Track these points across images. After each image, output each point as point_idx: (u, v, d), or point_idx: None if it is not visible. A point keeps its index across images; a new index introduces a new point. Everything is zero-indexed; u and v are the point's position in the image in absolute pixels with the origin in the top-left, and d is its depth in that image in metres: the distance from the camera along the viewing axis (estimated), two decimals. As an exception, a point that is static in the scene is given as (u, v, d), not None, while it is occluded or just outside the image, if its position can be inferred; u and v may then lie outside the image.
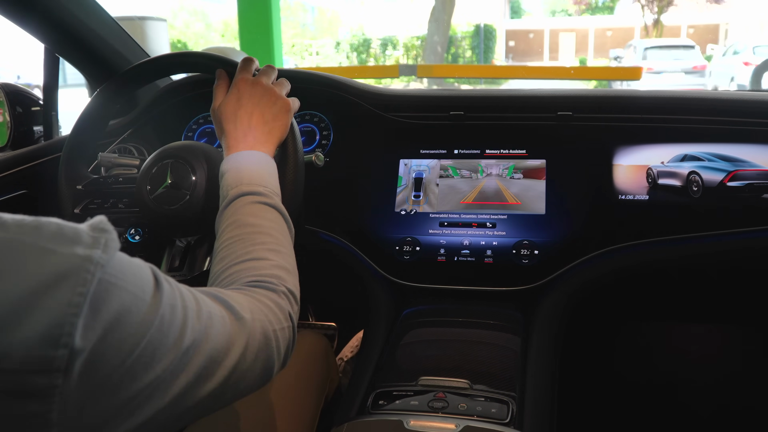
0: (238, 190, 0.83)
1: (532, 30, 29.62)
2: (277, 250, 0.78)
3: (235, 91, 0.95)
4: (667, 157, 1.21)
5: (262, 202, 0.83)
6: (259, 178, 0.85)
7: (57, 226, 0.45)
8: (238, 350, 0.60)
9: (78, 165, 1.14)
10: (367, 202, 1.26)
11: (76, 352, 0.42)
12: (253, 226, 0.79)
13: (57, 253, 0.43)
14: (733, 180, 1.18)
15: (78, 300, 0.43)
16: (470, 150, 1.27)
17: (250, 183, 0.84)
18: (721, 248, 1.18)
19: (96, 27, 1.29)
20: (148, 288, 0.51)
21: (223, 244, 0.78)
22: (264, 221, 0.80)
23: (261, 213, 0.81)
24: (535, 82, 8.17)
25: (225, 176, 0.87)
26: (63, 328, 0.42)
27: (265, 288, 0.71)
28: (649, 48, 13.48)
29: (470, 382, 0.95)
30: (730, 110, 1.23)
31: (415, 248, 1.21)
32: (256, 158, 0.88)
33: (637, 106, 1.26)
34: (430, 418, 0.87)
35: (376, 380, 1.00)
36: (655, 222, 1.19)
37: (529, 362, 1.02)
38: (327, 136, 1.32)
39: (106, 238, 0.47)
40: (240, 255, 0.75)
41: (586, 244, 1.18)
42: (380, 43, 22.03)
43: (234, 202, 0.83)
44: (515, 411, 0.90)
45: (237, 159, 0.88)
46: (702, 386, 1.61)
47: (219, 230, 0.82)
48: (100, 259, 0.45)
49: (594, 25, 28.66)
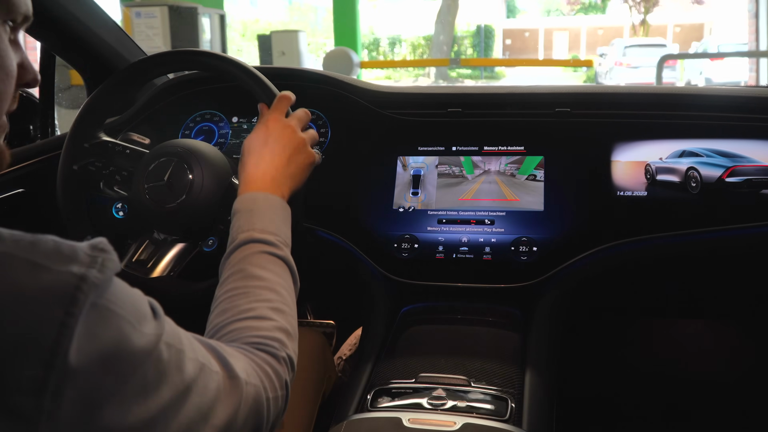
0: (249, 235, 0.80)
1: (528, 29, 30.51)
2: (282, 310, 0.74)
3: (264, 128, 0.92)
4: (665, 153, 1.21)
5: (272, 253, 0.79)
6: (271, 224, 0.82)
7: (54, 243, 0.44)
8: (227, 410, 0.58)
9: (92, 125, 1.13)
10: (365, 199, 1.26)
11: (69, 374, 0.41)
12: (260, 280, 0.75)
13: (51, 270, 0.42)
14: (732, 176, 1.18)
15: (69, 321, 0.41)
16: (468, 147, 1.26)
17: (262, 230, 0.81)
18: (719, 244, 1.18)
19: (93, 25, 1.29)
20: (146, 320, 0.49)
21: (226, 295, 0.74)
22: (271, 275, 0.77)
23: (269, 265, 0.78)
24: (529, 76, 8.74)
25: (237, 216, 0.83)
26: (54, 348, 0.41)
27: (266, 352, 0.68)
28: (628, 46, 15.86)
29: (469, 379, 0.95)
30: (728, 106, 1.23)
31: (413, 245, 1.21)
32: (271, 202, 0.85)
33: (635, 103, 1.26)
34: (429, 415, 0.87)
35: (375, 377, 0.99)
36: (653, 218, 1.19)
37: (528, 359, 1.02)
38: (325, 134, 1.31)
39: (104, 258, 0.45)
40: (243, 311, 0.72)
41: (584, 241, 1.18)
42: (388, 42, 23.19)
43: (243, 247, 0.79)
44: (514, 407, 0.90)
45: (252, 200, 0.84)
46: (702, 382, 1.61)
47: (223, 275, 0.78)
48: (95, 280, 0.44)
49: (586, 24, 29.55)
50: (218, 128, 1.36)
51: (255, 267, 0.77)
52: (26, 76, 0.64)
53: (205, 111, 1.37)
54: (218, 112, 1.37)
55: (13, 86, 0.60)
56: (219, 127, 1.36)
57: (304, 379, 1.10)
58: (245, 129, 1.35)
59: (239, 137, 1.34)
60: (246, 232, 0.80)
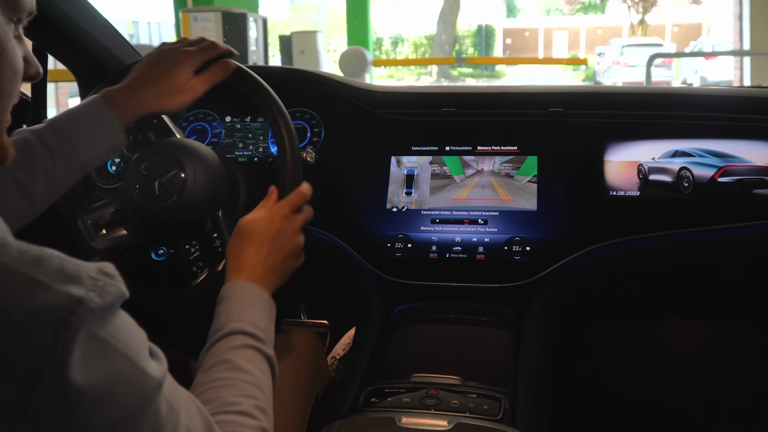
0: (239, 326, 0.79)
1: (528, 29, 30.73)
2: (265, 411, 0.73)
3: (271, 218, 0.92)
4: (658, 153, 1.21)
5: (259, 350, 0.79)
6: (262, 321, 0.82)
7: (59, 260, 0.42)
8: None
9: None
10: (359, 199, 1.26)
11: (51, 403, 0.39)
12: (248, 374, 0.75)
13: (50, 289, 0.40)
14: (724, 175, 1.19)
15: (57, 345, 0.39)
16: (462, 147, 1.26)
17: (253, 324, 0.80)
18: (712, 244, 1.18)
19: (85, 24, 1.28)
20: (149, 363, 0.46)
21: (213, 384, 0.73)
22: (258, 372, 0.76)
23: (257, 362, 0.77)
24: (529, 75, 8.97)
25: (228, 302, 0.83)
26: (37, 374, 0.38)
27: None
28: (625, 46, 16.50)
29: (462, 379, 0.95)
30: (720, 106, 1.24)
31: (406, 245, 1.21)
32: (262, 298, 0.85)
33: (628, 103, 1.26)
34: (422, 415, 0.87)
35: (368, 378, 0.99)
36: (646, 218, 1.19)
37: (521, 358, 1.02)
38: (318, 134, 1.31)
39: (106, 283, 0.43)
40: (229, 404, 0.70)
41: (577, 241, 1.18)
42: (391, 42, 23.81)
43: (232, 337, 0.78)
44: (507, 407, 0.90)
45: (246, 290, 0.84)
46: (695, 381, 1.62)
47: (209, 361, 0.76)
48: (92, 305, 0.41)
49: (586, 24, 29.79)
50: (211, 128, 1.35)
51: (243, 360, 0.76)
52: (30, 70, 0.64)
53: (198, 110, 1.37)
54: (211, 112, 1.37)
55: (20, 84, 0.60)
56: (212, 126, 1.36)
57: (298, 379, 1.10)
58: (238, 129, 1.35)
59: (232, 137, 1.34)
60: (237, 322, 0.80)
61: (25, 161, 0.87)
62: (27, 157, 0.87)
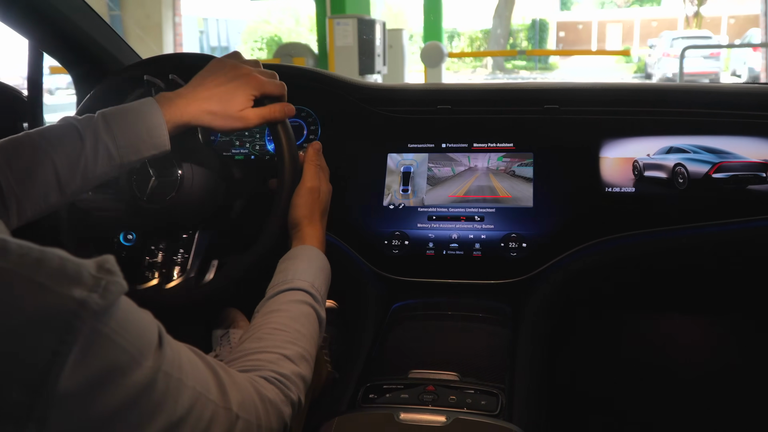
0: (312, 285, 0.88)
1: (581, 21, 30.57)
2: (308, 361, 0.79)
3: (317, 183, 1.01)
4: (653, 149, 1.22)
5: (315, 310, 0.86)
6: (322, 287, 0.91)
7: (60, 260, 0.42)
8: None
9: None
10: (356, 196, 1.26)
11: (55, 403, 0.40)
12: (305, 327, 0.82)
13: (52, 292, 0.40)
14: (719, 171, 1.19)
15: (63, 349, 0.40)
16: (458, 144, 1.27)
17: (318, 289, 0.89)
18: (707, 239, 1.19)
19: (81, 23, 1.28)
20: (149, 350, 0.47)
21: (271, 325, 0.79)
22: (313, 331, 0.84)
23: (311, 319, 0.85)
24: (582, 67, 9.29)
25: (297, 262, 0.91)
26: (44, 377, 0.39)
27: (279, 388, 0.71)
28: (675, 38, 16.73)
29: (460, 375, 0.96)
30: (715, 102, 1.24)
31: (403, 242, 1.21)
32: (327, 268, 0.95)
33: (623, 99, 1.27)
34: (420, 411, 0.88)
35: (367, 374, 1.00)
36: (641, 214, 1.20)
37: (519, 354, 1.03)
38: (315, 131, 1.31)
39: (107, 281, 0.43)
40: (278, 345, 0.77)
41: (573, 237, 1.18)
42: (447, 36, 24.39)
43: (302, 293, 0.86)
44: (505, 403, 0.90)
45: (316, 256, 0.94)
46: (692, 377, 1.63)
47: (269, 307, 0.84)
48: (95, 306, 0.42)
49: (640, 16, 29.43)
50: None
51: (304, 316, 0.84)
52: None
53: None
54: None
55: None
56: None
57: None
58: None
59: (229, 134, 1.34)
60: (307, 281, 0.88)
61: (69, 157, 0.86)
62: (72, 153, 0.86)
